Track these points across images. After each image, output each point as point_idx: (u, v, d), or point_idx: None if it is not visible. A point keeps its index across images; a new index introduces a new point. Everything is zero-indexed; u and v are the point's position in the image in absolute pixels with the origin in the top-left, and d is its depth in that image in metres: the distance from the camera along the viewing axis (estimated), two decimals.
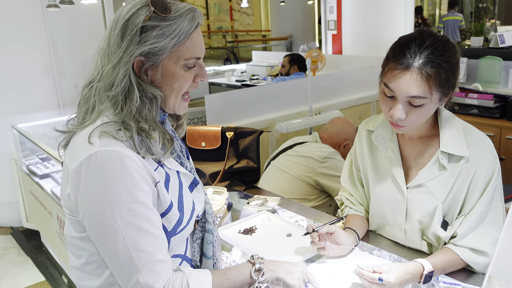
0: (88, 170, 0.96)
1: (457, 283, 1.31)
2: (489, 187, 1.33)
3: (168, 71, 1.03)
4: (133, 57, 0.99)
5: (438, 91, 1.25)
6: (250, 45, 11.40)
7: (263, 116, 3.35)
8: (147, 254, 0.98)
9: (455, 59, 1.27)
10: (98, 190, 0.96)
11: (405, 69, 1.23)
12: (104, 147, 0.96)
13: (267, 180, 2.45)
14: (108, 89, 1.01)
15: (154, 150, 1.04)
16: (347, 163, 1.65)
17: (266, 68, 5.55)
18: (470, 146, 1.34)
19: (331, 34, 6.76)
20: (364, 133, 1.56)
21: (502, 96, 3.50)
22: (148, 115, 1.03)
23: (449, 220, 1.39)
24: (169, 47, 1.00)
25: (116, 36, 1.00)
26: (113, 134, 0.99)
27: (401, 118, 1.28)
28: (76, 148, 1.01)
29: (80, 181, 0.97)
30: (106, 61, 1.02)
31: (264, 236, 1.61)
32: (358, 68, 4.42)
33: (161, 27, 1.00)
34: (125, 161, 0.96)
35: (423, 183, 1.39)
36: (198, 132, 2.05)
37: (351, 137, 2.65)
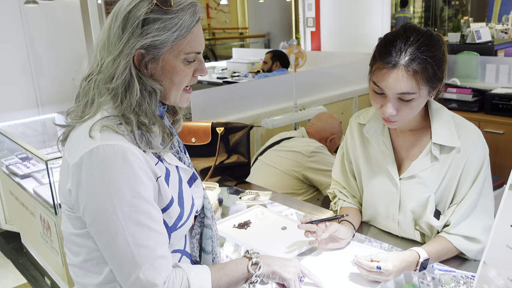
0: (90, 164, 0.95)
1: (452, 269, 1.34)
2: (480, 176, 1.37)
3: (168, 65, 1.03)
4: (134, 49, 0.98)
5: (426, 86, 1.28)
6: (228, 43, 11.37)
7: (248, 112, 3.36)
8: (147, 250, 0.97)
9: (440, 53, 1.30)
10: (100, 185, 0.95)
11: (392, 67, 1.25)
12: (106, 141, 0.95)
13: (255, 176, 2.46)
14: (108, 82, 1.00)
15: (154, 144, 1.03)
16: (339, 156, 1.67)
17: (247, 65, 5.55)
18: (461, 136, 1.38)
19: (309, 31, 6.80)
20: (356, 126, 1.58)
21: (480, 90, 3.59)
22: (147, 108, 1.02)
23: (441, 210, 1.42)
24: (170, 41, 1.00)
25: (117, 29, 0.99)
26: (114, 128, 0.98)
27: (393, 114, 1.31)
28: (77, 142, 1.00)
29: (81, 176, 0.96)
30: (105, 54, 1.01)
31: (259, 230, 1.61)
32: (339, 64, 4.46)
33: (163, 20, 0.99)
34: (127, 155, 0.96)
35: (416, 174, 1.42)
36: (188, 128, 2.04)
37: (337, 132, 2.69)
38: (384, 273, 1.24)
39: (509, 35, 4.54)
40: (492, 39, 4.26)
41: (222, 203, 1.92)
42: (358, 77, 4.33)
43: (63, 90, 3.65)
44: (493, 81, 3.83)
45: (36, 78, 3.74)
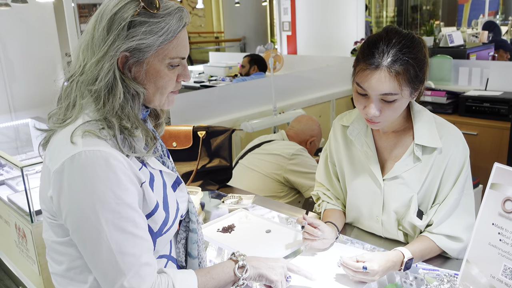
0: (71, 170, 0.93)
1: (435, 268, 1.36)
2: (461, 176, 1.40)
3: (153, 69, 1.01)
4: (119, 52, 0.97)
5: (408, 87, 1.30)
6: (203, 47, 11.33)
7: (227, 116, 3.35)
8: (132, 257, 0.96)
9: (421, 55, 1.32)
10: (82, 191, 0.93)
11: (375, 68, 1.27)
12: (88, 147, 0.94)
13: (236, 179, 2.45)
14: (91, 83, 0.98)
15: (137, 148, 1.02)
16: (322, 158, 1.68)
17: (224, 69, 5.53)
18: (443, 137, 1.40)
19: (285, 35, 6.84)
20: (339, 128, 1.59)
21: (454, 92, 3.68)
22: (130, 112, 1.01)
23: (424, 210, 1.45)
24: (156, 45, 0.99)
25: (102, 30, 0.97)
26: (96, 133, 0.96)
27: (376, 115, 1.32)
28: (58, 148, 0.98)
29: (63, 182, 0.94)
30: (89, 55, 0.99)
31: (243, 234, 1.61)
32: (316, 68, 4.50)
33: (150, 24, 0.98)
34: (110, 161, 0.94)
35: (399, 175, 1.44)
36: (169, 132, 2.01)
37: (316, 134, 2.71)
38: (370, 273, 1.25)
39: (479, 39, 4.67)
40: (464, 43, 4.37)
41: (204, 208, 1.91)
42: (335, 80, 4.37)
43: (37, 95, 3.57)
44: (466, 84, 3.93)
45: (9, 83, 3.64)
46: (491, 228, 1.16)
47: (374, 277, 1.26)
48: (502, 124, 3.25)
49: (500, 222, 1.14)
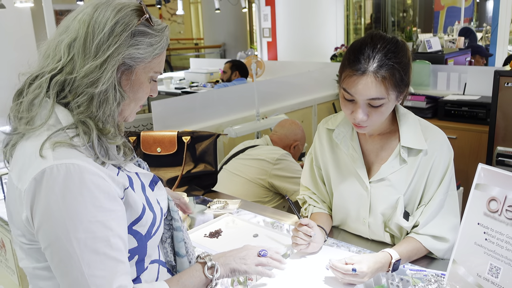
0: (42, 187, 0.88)
1: (423, 269, 1.38)
2: (446, 178, 1.42)
3: (138, 80, 1.02)
4: (121, 57, 0.96)
5: (394, 91, 1.32)
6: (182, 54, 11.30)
7: (210, 122, 3.33)
8: (104, 280, 0.91)
9: (406, 59, 1.34)
10: (53, 210, 0.88)
11: (361, 74, 1.29)
12: (59, 160, 0.89)
13: (220, 185, 2.43)
14: (90, 86, 0.95)
15: (114, 155, 1.00)
16: (307, 162, 1.68)
17: (205, 75, 5.52)
18: (428, 139, 1.43)
19: (266, 41, 6.88)
20: (324, 131, 1.60)
21: (433, 97, 3.74)
22: (115, 119, 1.00)
23: (410, 211, 1.46)
24: (150, 57, 1.01)
25: (102, 35, 0.95)
26: (68, 141, 0.92)
27: (363, 120, 1.34)
28: (27, 164, 0.92)
29: (34, 200, 0.89)
30: (80, 55, 0.96)
31: (230, 239, 1.60)
32: (298, 73, 4.53)
33: (151, 36, 1.00)
34: (84, 175, 0.89)
35: (385, 177, 1.45)
36: (153, 138, 2.00)
37: (300, 138, 2.72)
38: (360, 275, 1.26)
39: (456, 44, 4.78)
40: (442, 48, 4.46)
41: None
42: (316, 85, 4.41)
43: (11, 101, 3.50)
44: (445, 88, 4.01)
45: None
46: (477, 228, 1.18)
47: (363, 279, 1.26)
48: (481, 128, 3.32)
49: (485, 221, 1.16)
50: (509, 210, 1.11)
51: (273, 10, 6.61)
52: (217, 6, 6.30)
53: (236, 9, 7.44)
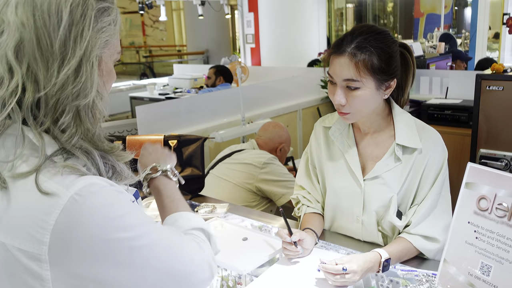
0: (77, 224, 0.69)
1: (413, 269, 1.37)
2: (439, 178, 1.42)
3: (108, 69, 0.84)
4: (100, 49, 0.77)
5: (371, 76, 1.33)
6: (165, 60, 11.25)
7: (195, 127, 3.31)
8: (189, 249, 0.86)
9: (389, 49, 1.35)
10: (103, 238, 0.72)
11: (339, 54, 1.34)
12: (75, 186, 0.71)
13: (207, 189, 2.41)
14: (76, 98, 0.74)
15: (126, 173, 0.85)
16: (303, 161, 1.68)
17: (189, 81, 5.49)
18: (422, 139, 1.43)
19: (249, 47, 6.89)
20: (321, 130, 1.61)
21: (416, 101, 3.79)
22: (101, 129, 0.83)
23: (403, 210, 1.47)
24: (114, 37, 0.81)
25: (63, 28, 0.72)
26: (69, 165, 0.73)
27: (341, 102, 1.36)
28: (22, 217, 0.70)
29: (75, 245, 0.70)
30: (39, 62, 0.72)
31: (220, 242, 1.57)
32: (282, 78, 4.54)
33: (110, 10, 0.80)
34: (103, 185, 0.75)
35: (380, 175, 1.46)
36: (139, 142, 1.96)
37: (285, 140, 2.71)
38: (350, 274, 1.25)
39: (437, 50, 4.85)
40: (423, 53, 4.53)
41: None
42: (300, 90, 4.43)
43: None
44: (427, 93, 4.07)
45: None
46: (467, 227, 1.18)
47: (354, 277, 1.26)
48: (463, 131, 3.37)
49: (475, 220, 1.17)
50: (499, 208, 1.11)
51: (256, 16, 6.63)
52: (200, 13, 6.30)
53: (219, 16, 7.45)
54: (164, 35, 13.88)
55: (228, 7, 6.79)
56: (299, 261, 1.44)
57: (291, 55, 6.32)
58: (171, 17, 13.25)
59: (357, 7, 9.28)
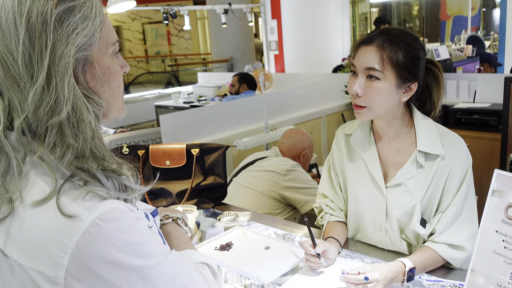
0: (98, 249, 0.68)
1: (440, 279, 1.34)
2: (464, 184, 1.39)
3: (104, 67, 0.78)
4: (71, 57, 0.71)
5: (393, 71, 1.34)
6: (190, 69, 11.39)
7: (218, 135, 3.33)
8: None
9: (415, 49, 1.37)
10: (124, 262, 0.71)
11: (368, 43, 1.37)
12: (97, 210, 0.70)
13: (231, 197, 2.41)
14: (51, 116, 0.69)
15: (134, 188, 0.80)
16: (325, 169, 1.66)
17: (213, 89, 5.54)
18: (445, 145, 1.40)
19: (273, 54, 6.91)
20: (342, 137, 1.60)
21: (443, 105, 3.70)
22: (101, 142, 0.77)
23: (427, 218, 1.43)
24: (97, 32, 0.75)
25: (22, 46, 0.68)
26: (93, 190, 0.72)
27: (358, 91, 1.36)
28: (41, 239, 0.68)
29: (93, 270, 0.69)
30: (12, 89, 0.70)
31: (242, 251, 1.57)
32: (306, 85, 4.53)
33: (79, 7, 0.73)
34: (124, 209, 0.74)
35: (402, 182, 1.43)
36: (162, 151, 1.99)
37: (308, 146, 2.70)
38: (373, 284, 1.23)
39: (464, 53, 4.75)
40: (450, 57, 4.44)
41: (200, 227, 1.87)
42: (324, 96, 4.40)
43: None
44: (455, 97, 3.98)
45: None
46: (495, 236, 1.14)
47: (376, 287, 1.23)
48: (493, 135, 3.28)
49: (504, 229, 1.13)
50: None
51: (279, 23, 6.66)
52: (223, 21, 6.35)
53: (242, 23, 7.50)
54: (189, 43, 14.07)
55: (252, 14, 6.83)
56: (323, 270, 1.42)
57: (315, 61, 6.31)
58: (196, 26, 13.42)
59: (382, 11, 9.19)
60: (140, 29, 14.10)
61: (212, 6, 6.49)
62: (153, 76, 11.97)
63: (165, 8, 5.62)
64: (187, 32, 13.20)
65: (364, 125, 1.53)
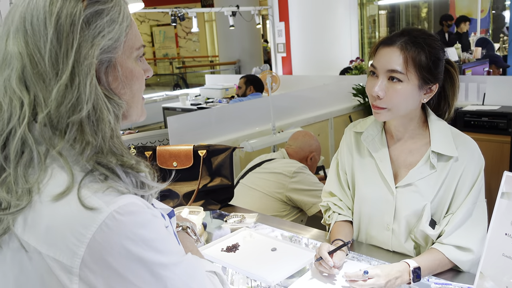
0: (113, 242, 0.69)
1: (448, 282, 1.33)
2: (475, 187, 1.38)
3: (127, 70, 0.81)
4: (94, 57, 0.74)
5: (416, 72, 1.32)
6: (198, 71, 11.43)
7: (226, 136, 3.33)
8: None
9: (438, 51, 1.35)
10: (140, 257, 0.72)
11: (389, 45, 1.35)
12: (115, 204, 0.71)
13: (237, 199, 2.41)
14: (72, 113, 0.72)
15: (152, 185, 0.81)
16: (333, 168, 1.65)
17: (221, 91, 5.54)
18: (459, 147, 1.39)
19: (280, 57, 6.90)
20: (352, 135, 1.59)
21: None
22: (120, 141, 0.78)
23: (437, 219, 1.42)
24: (122, 36, 0.78)
25: (50, 44, 0.72)
26: (113, 185, 0.73)
27: (379, 93, 1.34)
28: (61, 228, 0.70)
29: (107, 262, 0.69)
30: (38, 85, 0.73)
31: (248, 252, 1.57)
32: (313, 87, 4.52)
33: (107, 10, 0.76)
34: (141, 205, 0.75)
35: (413, 183, 1.42)
36: (169, 152, 1.99)
37: (315, 148, 2.69)
38: (374, 279, 1.23)
39: (473, 55, 4.72)
40: (458, 59, 4.41)
41: (206, 228, 1.87)
42: (332, 99, 4.39)
43: None
44: (463, 99, 3.95)
45: None
46: (504, 239, 1.13)
47: (378, 281, 1.23)
48: (502, 138, 3.26)
49: None
50: None
51: (287, 25, 6.65)
52: (231, 23, 6.36)
53: (250, 26, 7.51)
54: (197, 46, 14.12)
55: (259, 17, 6.83)
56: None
57: (322, 64, 6.29)
58: (204, 28, 13.47)
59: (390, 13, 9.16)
60: (148, 32, 14.19)
61: (220, 9, 6.50)
62: (161, 78, 12.03)
63: (173, 10, 5.64)
64: (195, 34, 13.25)
65: (377, 123, 1.52)
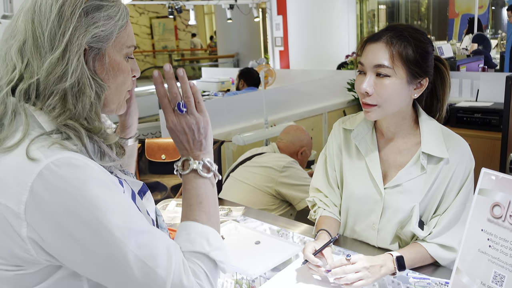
0: (49, 191, 0.75)
1: (426, 277, 1.34)
2: (464, 188, 1.38)
3: (114, 62, 0.90)
4: (84, 41, 0.85)
5: (404, 66, 1.31)
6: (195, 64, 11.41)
7: (218, 130, 3.34)
8: (162, 255, 0.82)
9: (425, 44, 1.35)
10: (73, 207, 0.76)
11: (375, 41, 1.34)
12: (53, 156, 0.77)
13: (227, 192, 2.43)
14: (58, 82, 0.83)
15: (112, 156, 0.88)
16: (320, 163, 1.63)
17: (216, 84, 5.54)
18: (450, 148, 1.38)
19: (278, 50, 6.90)
20: (340, 131, 1.57)
21: None
22: (99, 114, 0.88)
23: (425, 219, 1.42)
24: (115, 31, 0.89)
25: (50, 24, 0.84)
26: (61, 143, 0.81)
27: (367, 89, 1.32)
28: (10, 175, 0.78)
29: (45, 211, 0.76)
30: (34, 55, 0.84)
31: (232, 246, 1.58)
32: (308, 81, 4.52)
33: (107, 8, 0.88)
34: (87, 163, 0.80)
35: (401, 184, 1.41)
36: (158, 145, 2.00)
37: (306, 143, 2.70)
38: (358, 263, 1.24)
39: (469, 51, 4.72)
40: (454, 55, 4.41)
41: None
42: (326, 93, 4.39)
43: None
44: (457, 95, 3.96)
45: None
46: (480, 235, 1.14)
47: (362, 263, 1.24)
48: (494, 135, 3.26)
49: (489, 228, 1.13)
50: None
51: (285, 19, 6.64)
52: (228, 16, 6.34)
53: (249, 19, 7.49)
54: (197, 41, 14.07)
55: (258, 10, 6.82)
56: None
57: (320, 58, 6.29)
58: (203, 21, 13.43)
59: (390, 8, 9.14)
60: (147, 24, 14.13)
61: (218, 1, 6.48)
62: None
63: (170, 2, 5.62)
64: (194, 27, 13.21)
65: (367, 121, 1.50)
